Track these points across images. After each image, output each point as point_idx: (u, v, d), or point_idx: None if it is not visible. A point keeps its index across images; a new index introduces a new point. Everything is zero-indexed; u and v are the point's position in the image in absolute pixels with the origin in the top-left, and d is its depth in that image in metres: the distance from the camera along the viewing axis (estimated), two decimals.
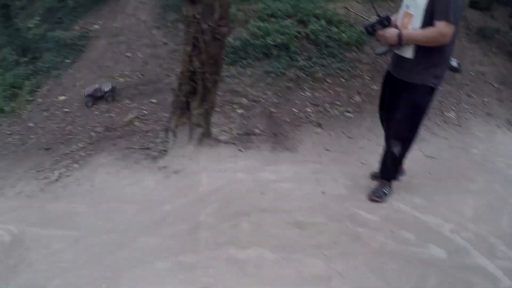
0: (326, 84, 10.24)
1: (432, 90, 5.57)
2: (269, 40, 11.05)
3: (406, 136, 5.98)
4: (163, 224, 6.45)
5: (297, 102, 9.73)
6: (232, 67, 10.69)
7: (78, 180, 8.27)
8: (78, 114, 10.29)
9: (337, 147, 8.54)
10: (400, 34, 5.19)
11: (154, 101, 10.08)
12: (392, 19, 5.46)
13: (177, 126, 8.10)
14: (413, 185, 7.04)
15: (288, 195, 6.81)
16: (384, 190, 6.53)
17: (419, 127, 5.91)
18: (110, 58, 11.75)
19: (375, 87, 9.88)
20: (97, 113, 10.12)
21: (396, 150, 6.08)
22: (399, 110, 5.77)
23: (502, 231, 5.96)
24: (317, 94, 9.96)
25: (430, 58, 5.32)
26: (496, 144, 9.37)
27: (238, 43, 11.11)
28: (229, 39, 10.49)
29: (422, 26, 5.13)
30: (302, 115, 9.38)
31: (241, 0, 12.71)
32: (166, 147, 8.18)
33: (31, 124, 10.83)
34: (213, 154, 8.04)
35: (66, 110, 10.55)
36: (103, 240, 6.46)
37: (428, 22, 5.08)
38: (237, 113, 9.47)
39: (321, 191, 6.82)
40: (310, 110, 9.51)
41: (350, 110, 9.62)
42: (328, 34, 11.27)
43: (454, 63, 6.61)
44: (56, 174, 8.69)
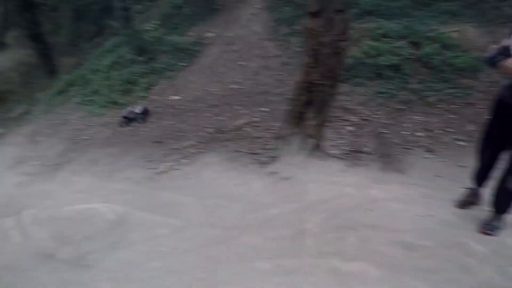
0: (438, 109, 10.08)
1: None
2: (381, 60, 11.07)
3: None
4: (268, 226, 6.61)
5: (407, 125, 9.67)
6: (344, 84, 10.83)
7: (187, 174, 8.76)
8: (190, 114, 10.85)
9: (447, 175, 8.36)
10: None
11: (265, 109, 10.40)
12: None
13: (289, 135, 8.29)
14: None
15: (396, 215, 6.74)
16: (496, 223, 6.28)
17: None
18: (222, 65, 12.29)
19: None
20: (208, 115, 10.61)
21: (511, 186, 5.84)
22: None
23: None
24: (428, 119, 9.83)
25: None
26: None
27: (351, 61, 11.22)
28: None
29: None
30: (412, 139, 9.29)
31: (354, 18, 12.87)
32: (276, 154, 8.40)
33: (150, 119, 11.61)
34: (322, 166, 8.13)
35: (179, 108, 11.15)
36: (206, 233, 6.78)
37: None
38: (347, 130, 9.56)
39: (429, 215, 6.73)
40: (421, 135, 9.40)
41: (463, 138, 9.41)
42: (441, 58, 11.06)
43: None
44: (165, 166, 9.26)
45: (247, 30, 14.16)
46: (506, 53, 4.92)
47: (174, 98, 11.61)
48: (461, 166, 8.58)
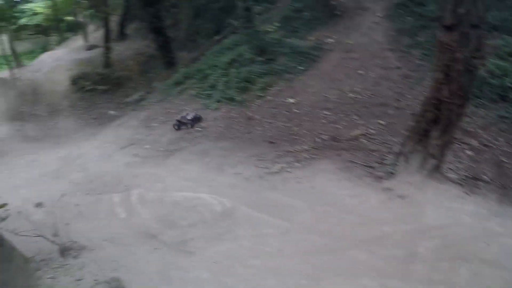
0: None
1: None
2: (507, 81, 10.42)
3: None
4: (379, 244, 6.53)
5: None
6: None
7: (298, 178, 8.87)
8: (305, 118, 10.97)
9: None
10: None
11: (382, 122, 10.26)
12: None
13: (410, 152, 8.13)
14: None
15: None
16: None
17: None
18: (341, 72, 12.27)
19: None
20: (324, 121, 10.65)
21: None
22: None
23: None
24: None
25: None
26: None
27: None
28: None
29: None
30: None
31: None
32: (394, 170, 8.27)
33: (258, 117, 11.84)
34: (440, 189, 7.89)
35: (295, 111, 11.29)
36: (314, 239, 6.85)
37: None
38: (466, 154, 9.15)
39: None
40: None
41: None
42: None
43: None
44: (277, 167, 9.44)
45: (368, 38, 14.03)
46: None
47: (290, 100, 11.78)
48: None
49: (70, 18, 39.15)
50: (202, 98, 14.53)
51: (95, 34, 30.90)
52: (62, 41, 35.58)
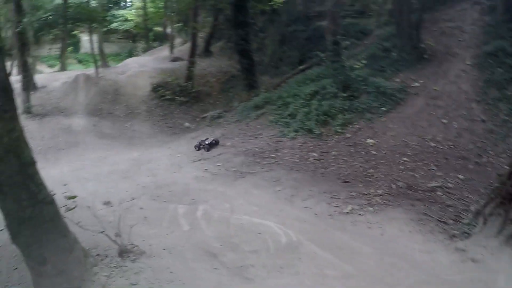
0: None
1: None
2: None
3: None
4: None
5: None
6: None
7: (369, 223, 8.89)
8: (382, 161, 11.01)
9: None
10: None
11: (461, 177, 10.14)
12: None
13: (490, 214, 7.96)
14: None
15: None
16: None
17: None
18: (424, 119, 12.21)
19: None
20: (401, 167, 10.63)
21: None
22: None
23: None
24: None
25: None
26: None
27: None
28: None
29: None
30: None
31: None
32: (470, 231, 8.11)
33: (334, 152, 11.98)
34: None
35: (373, 153, 11.35)
36: None
37: None
38: None
39: None
40: None
41: None
42: None
43: None
44: (349, 208, 9.50)
45: (455, 87, 13.87)
46: None
47: (369, 141, 11.86)
48: None
49: (158, 28, 41.04)
50: (279, 125, 14.85)
51: (181, 47, 32.16)
52: (148, 49, 37.21)
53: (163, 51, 32.56)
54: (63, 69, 31.91)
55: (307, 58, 21.92)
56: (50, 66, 40.30)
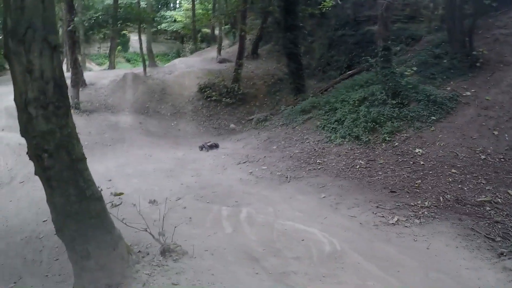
0: None
1: None
2: None
3: None
4: None
5: None
6: None
7: (415, 235, 8.86)
8: (430, 172, 10.98)
9: None
10: None
11: (511, 192, 9.91)
12: None
13: None
14: None
15: None
16: None
17: None
18: (475, 130, 12.01)
19: None
20: (449, 179, 10.54)
21: None
22: None
23: None
24: None
25: None
26: None
27: None
28: None
29: None
30: None
31: None
32: None
33: (381, 161, 11.98)
34: None
35: (421, 163, 11.35)
36: None
37: None
38: None
39: None
40: None
41: None
42: None
43: None
44: (395, 219, 9.50)
45: (507, 97, 13.48)
46: None
47: (418, 151, 11.79)
48: None
49: (207, 30, 41.69)
50: (326, 130, 14.96)
51: (228, 49, 32.59)
52: (195, 50, 37.82)
53: (211, 53, 33.08)
54: (112, 67, 33.13)
55: (355, 63, 21.87)
56: (99, 64, 41.77)
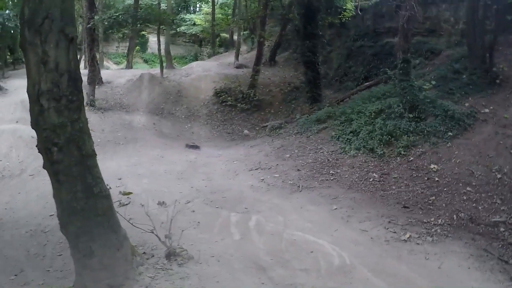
0: None
1: None
2: None
3: None
4: None
5: None
6: None
7: (427, 253, 8.67)
8: (445, 189, 10.80)
9: None
10: None
11: None
12: None
13: None
14: None
15: None
16: None
17: None
18: (492, 148, 11.81)
19: None
20: (463, 198, 10.37)
21: None
22: None
23: None
24: None
25: None
26: None
27: None
28: None
29: None
30: None
31: None
32: None
33: (395, 175, 11.82)
34: None
35: (435, 179, 11.21)
36: None
37: None
38: None
39: None
40: None
41: None
42: None
43: None
44: (407, 235, 9.33)
45: None
46: None
47: (433, 167, 11.62)
48: None
49: (225, 35, 41.80)
50: (341, 141, 14.85)
51: (246, 55, 32.58)
52: (213, 54, 37.89)
53: (228, 57, 33.10)
54: (129, 67, 33.37)
55: (373, 74, 21.79)
56: (117, 63, 42.10)
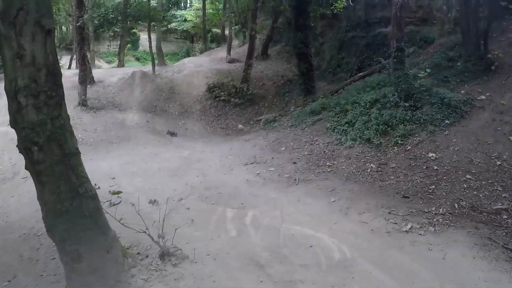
0: None
1: None
2: None
3: None
4: None
5: None
6: None
7: (430, 244, 8.41)
8: (445, 178, 10.60)
9: None
10: None
11: None
12: None
13: None
14: None
15: None
16: None
17: None
18: (490, 135, 11.59)
19: None
20: (464, 186, 10.16)
21: None
22: None
23: None
24: None
25: None
26: None
27: None
28: None
29: None
30: None
31: None
32: None
33: (393, 165, 11.59)
34: None
35: (434, 168, 11.01)
36: None
37: None
38: None
39: None
40: None
41: None
42: None
43: None
44: (408, 226, 9.06)
45: None
46: None
47: (431, 155, 11.38)
48: None
49: (217, 30, 41.53)
50: (336, 132, 14.61)
51: (238, 49, 32.36)
52: (205, 49, 37.60)
53: (220, 52, 32.88)
54: (121, 65, 33.06)
55: (366, 65, 21.58)
56: (109, 62, 41.85)
